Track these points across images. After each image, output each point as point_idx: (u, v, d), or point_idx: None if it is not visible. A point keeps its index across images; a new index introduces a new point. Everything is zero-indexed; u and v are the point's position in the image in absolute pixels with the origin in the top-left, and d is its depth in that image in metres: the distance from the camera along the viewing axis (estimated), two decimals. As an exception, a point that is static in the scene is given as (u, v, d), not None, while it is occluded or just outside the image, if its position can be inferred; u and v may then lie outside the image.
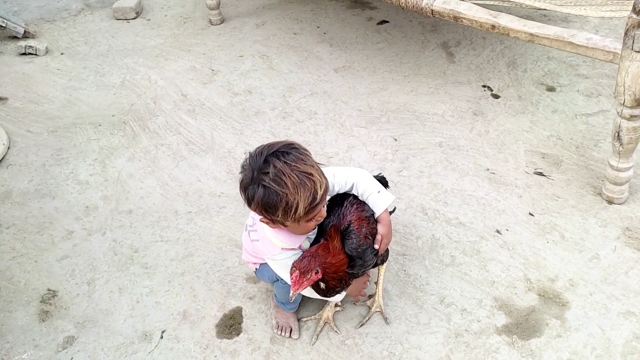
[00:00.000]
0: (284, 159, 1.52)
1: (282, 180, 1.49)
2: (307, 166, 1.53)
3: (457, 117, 2.83)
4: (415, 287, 2.05)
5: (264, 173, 1.51)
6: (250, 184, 1.54)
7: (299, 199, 1.50)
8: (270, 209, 1.53)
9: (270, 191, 1.51)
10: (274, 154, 1.54)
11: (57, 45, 3.60)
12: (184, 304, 2.05)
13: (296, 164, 1.52)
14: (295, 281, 1.58)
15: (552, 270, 2.06)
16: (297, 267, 1.59)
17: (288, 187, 1.49)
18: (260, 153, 1.55)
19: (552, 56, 3.15)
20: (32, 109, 3.06)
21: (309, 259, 1.60)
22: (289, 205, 1.51)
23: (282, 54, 3.37)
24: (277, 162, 1.51)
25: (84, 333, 1.98)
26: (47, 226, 2.38)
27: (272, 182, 1.50)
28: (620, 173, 2.21)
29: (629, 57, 1.93)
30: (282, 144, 1.58)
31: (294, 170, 1.51)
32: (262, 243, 1.73)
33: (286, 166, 1.51)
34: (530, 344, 1.84)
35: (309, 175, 1.52)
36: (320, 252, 1.63)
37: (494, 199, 2.37)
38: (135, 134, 2.86)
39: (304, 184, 1.50)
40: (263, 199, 1.52)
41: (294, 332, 1.93)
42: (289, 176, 1.49)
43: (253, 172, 1.53)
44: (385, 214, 1.80)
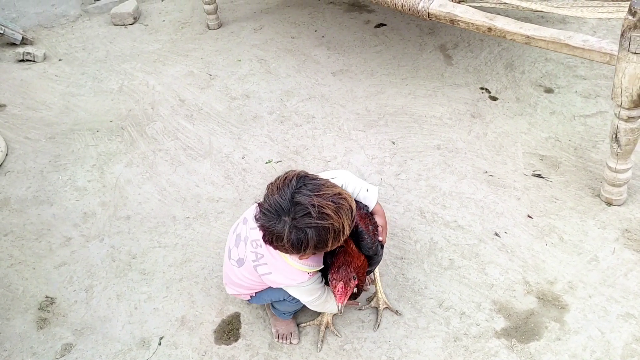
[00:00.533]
0: (309, 190, 1.50)
1: (325, 213, 1.49)
2: (329, 188, 1.54)
3: (455, 119, 2.82)
4: (413, 291, 2.04)
5: (303, 215, 1.49)
6: (291, 232, 1.50)
7: (343, 222, 1.51)
8: (322, 244, 1.52)
9: (319, 229, 1.49)
10: (297, 191, 1.50)
11: (55, 52, 3.60)
12: (182, 310, 2.05)
13: (322, 191, 1.51)
14: (342, 292, 1.59)
15: (551, 273, 2.05)
16: (338, 279, 1.60)
17: (331, 217, 1.49)
18: (281, 197, 1.51)
19: (549, 58, 3.15)
20: (30, 115, 3.06)
21: (344, 269, 1.61)
22: (336, 232, 1.51)
23: (279, 58, 3.37)
24: (306, 198, 1.49)
25: (82, 340, 1.97)
26: (45, 233, 2.38)
27: (317, 221, 1.48)
28: (619, 174, 2.20)
29: (626, 59, 1.92)
30: (292, 176, 1.54)
31: (326, 198, 1.50)
32: (280, 274, 1.69)
33: (318, 198, 1.49)
34: (530, 348, 1.84)
35: (338, 194, 1.53)
36: (349, 259, 1.64)
37: (492, 201, 2.36)
38: (133, 139, 2.85)
39: (341, 206, 1.51)
40: (317, 239, 1.50)
41: (294, 337, 1.92)
42: (326, 207, 1.49)
43: (291, 221, 1.49)
44: (378, 206, 1.84)
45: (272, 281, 1.71)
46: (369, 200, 1.81)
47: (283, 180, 1.54)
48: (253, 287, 1.81)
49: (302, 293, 1.73)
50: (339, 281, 1.60)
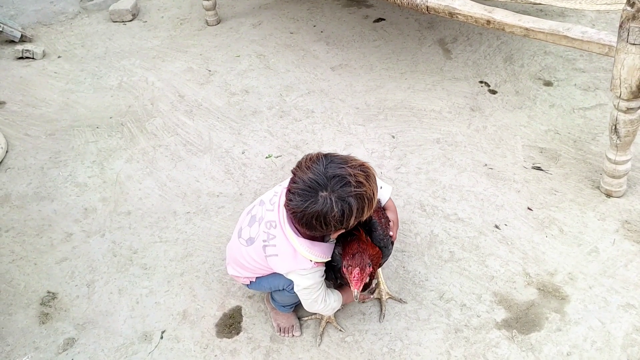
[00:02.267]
0: (338, 162, 1.53)
1: (359, 181, 1.51)
2: (353, 160, 1.56)
3: (454, 113, 2.82)
4: (414, 284, 2.05)
5: (344, 185, 1.50)
6: (335, 204, 1.50)
7: (373, 189, 1.54)
8: (360, 212, 1.54)
9: (359, 196, 1.51)
10: (328, 165, 1.52)
11: (54, 49, 3.60)
12: (183, 304, 2.06)
13: (350, 162, 1.54)
14: (358, 279, 1.59)
15: (551, 264, 2.06)
16: (354, 265, 1.59)
17: (365, 184, 1.52)
18: (315, 174, 1.52)
19: (549, 51, 3.15)
20: (30, 112, 3.06)
21: (360, 255, 1.61)
22: (369, 199, 1.54)
23: (278, 53, 3.37)
24: (342, 170, 1.50)
25: (84, 334, 1.98)
26: (46, 229, 2.38)
27: (356, 189, 1.50)
28: (618, 166, 2.20)
29: (624, 50, 1.92)
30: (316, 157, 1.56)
31: (355, 168, 1.53)
32: (287, 257, 1.69)
33: (350, 168, 1.52)
34: (530, 338, 1.84)
35: (364, 165, 1.56)
36: (363, 247, 1.64)
37: (492, 194, 2.37)
38: (133, 135, 2.86)
39: (369, 174, 1.55)
40: (357, 206, 1.51)
41: (296, 330, 1.93)
42: (359, 175, 1.52)
43: (330, 195, 1.50)
44: (391, 202, 1.87)
45: (276, 263, 1.71)
46: (382, 196, 1.82)
47: (310, 160, 1.55)
48: (255, 270, 1.80)
49: (302, 280, 1.72)
50: (355, 267, 1.59)
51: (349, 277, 1.60)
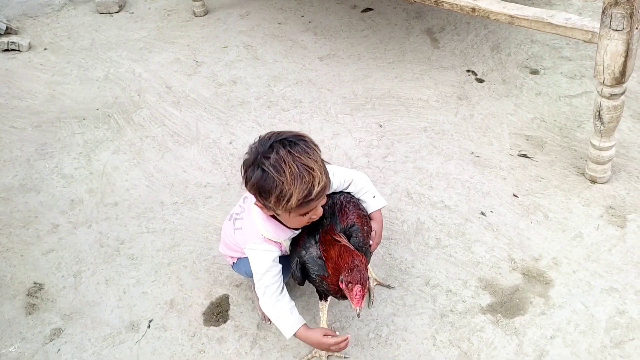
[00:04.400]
0: (290, 148, 1.53)
1: (282, 168, 1.50)
2: (310, 160, 1.53)
3: (441, 102, 2.83)
4: (400, 270, 2.06)
5: (266, 157, 1.53)
6: (251, 165, 1.56)
7: (293, 190, 1.50)
8: (265, 193, 1.54)
9: (267, 176, 1.52)
10: (281, 141, 1.54)
11: (40, 41, 3.57)
12: (170, 294, 2.06)
13: (300, 156, 1.52)
14: (360, 296, 1.50)
15: (536, 250, 2.08)
16: (354, 282, 1.50)
17: (286, 176, 1.50)
18: (269, 138, 1.57)
19: (535, 39, 3.16)
20: (16, 104, 3.04)
21: (358, 270, 1.52)
22: (283, 193, 1.51)
23: (266, 43, 3.36)
24: (281, 150, 1.52)
25: (70, 325, 1.98)
26: (32, 220, 2.38)
27: (271, 168, 1.51)
28: (603, 152, 2.22)
29: (607, 36, 1.93)
30: (293, 134, 1.58)
31: (295, 161, 1.51)
32: (245, 231, 1.73)
33: (289, 155, 1.51)
34: (515, 322, 1.86)
35: (310, 169, 1.52)
36: (359, 259, 1.55)
37: (479, 181, 2.38)
38: (120, 126, 2.85)
39: (302, 177, 1.50)
40: (259, 182, 1.54)
41: None
42: (289, 165, 1.50)
43: (256, 155, 1.55)
44: (378, 214, 1.83)
45: (238, 238, 1.73)
46: (370, 205, 1.81)
47: (287, 132, 1.59)
48: (233, 246, 1.81)
49: (252, 259, 1.69)
50: (356, 284, 1.50)
51: (350, 294, 1.52)
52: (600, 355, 1.75)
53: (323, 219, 1.69)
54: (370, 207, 1.82)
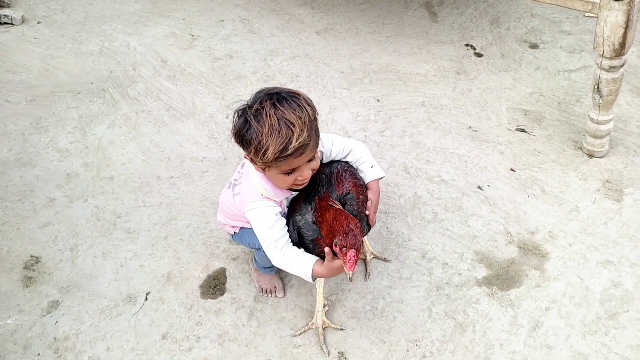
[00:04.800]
0: (276, 102, 1.53)
1: (262, 119, 1.51)
2: (293, 116, 1.51)
3: (439, 76, 2.81)
4: (397, 244, 2.07)
5: (250, 107, 1.56)
6: (238, 113, 1.60)
7: (270, 142, 1.50)
8: (245, 142, 1.57)
9: (247, 125, 1.54)
10: (271, 95, 1.55)
11: (33, 14, 3.52)
12: (167, 267, 2.06)
13: (284, 110, 1.51)
14: (354, 261, 1.49)
15: (532, 224, 2.08)
16: (348, 246, 1.49)
17: (264, 128, 1.51)
18: (261, 91, 1.59)
19: (535, 13, 3.12)
20: (10, 78, 3.00)
21: (353, 234, 1.51)
22: (260, 145, 1.52)
23: (263, 17, 3.32)
24: (266, 102, 1.53)
25: (68, 297, 1.98)
26: (28, 194, 2.37)
27: (252, 117, 1.53)
28: (601, 126, 2.21)
29: (608, 7, 1.91)
30: (287, 90, 1.59)
31: (277, 114, 1.51)
32: (244, 193, 1.70)
33: (272, 108, 1.52)
34: (510, 294, 1.87)
35: (290, 124, 1.50)
36: (355, 223, 1.54)
37: (476, 156, 2.37)
38: (115, 101, 2.82)
39: (279, 130, 1.50)
40: (241, 130, 1.57)
41: (279, 291, 1.94)
42: (269, 117, 1.50)
43: (245, 105, 1.59)
44: (376, 184, 1.80)
45: (238, 202, 1.72)
46: (368, 174, 1.79)
47: (284, 89, 1.59)
48: (235, 215, 1.79)
49: (255, 218, 1.66)
50: (350, 248, 1.48)
51: (344, 258, 1.50)
52: (594, 326, 1.77)
53: (320, 186, 1.68)
54: (367, 177, 1.80)
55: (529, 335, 1.76)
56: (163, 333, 1.86)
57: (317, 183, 1.69)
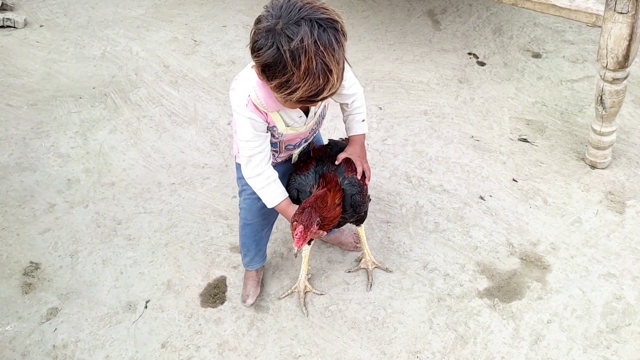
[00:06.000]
0: (318, 38, 1.30)
1: (300, 59, 1.30)
2: (333, 59, 1.32)
3: (442, 85, 2.80)
4: (398, 254, 2.06)
5: (288, 37, 1.31)
6: (267, 35, 1.33)
7: (301, 85, 1.33)
8: (270, 74, 1.36)
9: (280, 59, 1.32)
10: (312, 22, 1.31)
11: (36, 18, 3.52)
12: (168, 274, 2.05)
13: (325, 51, 1.31)
14: (300, 237, 1.54)
15: (534, 235, 2.07)
16: (299, 221, 1.55)
17: (300, 69, 1.31)
18: (299, 8, 1.33)
19: (538, 22, 3.12)
20: (11, 82, 3.00)
21: (309, 211, 1.56)
22: (288, 84, 1.34)
23: (265, 23, 3.31)
24: (307, 37, 1.29)
25: (67, 304, 1.97)
26: (28, 199, 2.36)
27: (288, 53, 1.30)
28: (603, 137, 2.20)
29: (612, 19, 1.91)
30: (326, 15, 1.34)
31: (317, 56, 1.30)
32: (236, 91, 1.54)
33: (314, 47, 1.29)
34: (512, 306, 1.86)
35: (329, 72, 1.33)
36: (319, 204, 1.60)
37: (478, 165, 2.37)
38: (117, 106, 2.82)
39: (317, 77, 1.32)
40: (268, 60, 1.33)
41: (249, 298, 1.90)
42: (309, 60, 1.30)
43: (277, 25, 1.32)
44: (362, 137, 1.77)
45: (231, 98, 1.56)
46: (356, 127, 1.75)
47: (320, 8, 1.35)
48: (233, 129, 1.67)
49: (236, 123, 1.56)
50: (300, 224, 1.54)
51: (292, 232, 1.56)
52: (596, 340, 1.76)
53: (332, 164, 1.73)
54: (355, 130, 1.76)
55: (531, 348, 1.75)
56: (162, 342, 1.85)
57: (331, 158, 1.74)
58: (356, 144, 1.76)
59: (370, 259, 1.99)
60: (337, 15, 1.37)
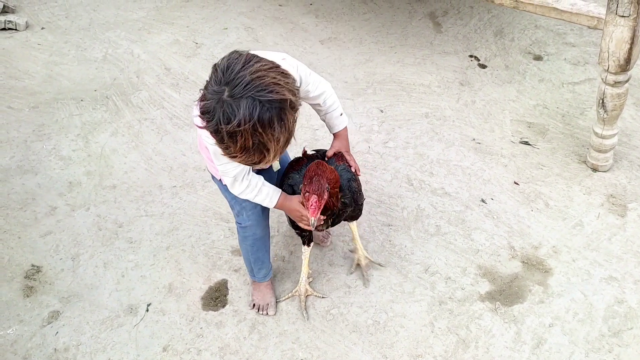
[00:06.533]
0: (258, 118, 1.30)
1: (235, 138, 1.31)
2: (272, 139, 1.33)
3: (443, 87, 2.80)
4: (400, 257, 2.06)
5: (228, 116, 1.30)
6: (212, 100, 1.32)
7: (238, 156, 1.36)
8: (216, 139, 1.35)
9: (219, 133, 1.31)
10: (255, 101, 1.29)
11: (37, 20, 3.52)
12: (169, 278, 2.05)
13: (263, 132, 1.30)
14: (316, 206, 1.52)
15: (536, 238, 2.07)
16: (311, 191, 1.53)
17: (236, 145, 1.32)
18: (245, 84, 1.30)
19: (539, 25, 3.12)
20: (13, 84, 3.00)
21: (317, 180, 1.54)
22: (227, 152, 1.35)
23: (267, 26, 3.32)
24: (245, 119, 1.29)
25: (68, 307, 1.97)
26: (29, 202, 2.36)
27: (224, 131, 1.31)
28: (605, 140, 2.20)
29: (613, 22, 1.91)
30: (272, 96, 1.31)
31: (254, 136, 1.31)
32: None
33: (251, 129, 1.29)
34: (513, 310, 1.86)
35: (265, 150, 1.34)
36: (322, 168, 1.58)
37: (480, 168, 2.36)
38: (118, 108, 2.82)
39: (251, 153, 1.34)
40: (210, 129, 1.33)
41: (271, 308, 1.91)
42: (245, 140, 1.30)
43: (222, 94, 1.31)
44: (345, 130, 1.79)
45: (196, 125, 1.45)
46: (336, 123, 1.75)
47: (262, 74, 1.32)
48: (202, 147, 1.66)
49: (210, 152, 1.52)
50: (312, 194, 1.52)
51: (306, 204, 1.54)
52: (598, 343, 1.75)
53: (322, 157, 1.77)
54: (337, 126, 1.76)
55: (532, 352, 1.75)
56: (164, 345, 1.85)
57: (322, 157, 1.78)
58: (342, 138, 1.79)
59: (362, 254, 2.00)
60: (289, 89, 1.33)
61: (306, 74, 1.63)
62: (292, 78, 1.38)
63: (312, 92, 1.67)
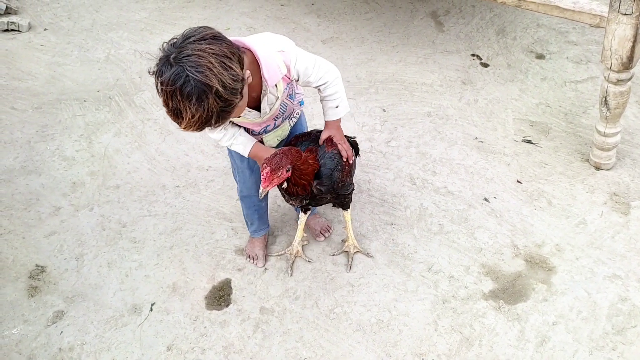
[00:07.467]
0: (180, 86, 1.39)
1: (160, 92, 1.42)
2: (188, 110, 1.41)
3: (445, 86, 2.80)
4: (403, 256, 2.06)
5: (161, 72, 1.41)
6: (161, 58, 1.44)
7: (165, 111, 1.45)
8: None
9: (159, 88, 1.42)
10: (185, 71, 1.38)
11: (40, 21, 3.53)
12: (173, 277, 2.06)
13: (181, 100, 1.39)
14: (266, 178, 1.63)
15: (539, 236, 2.07)
16: (268, 164, 1.63)
17: (160, 98, 1.43)
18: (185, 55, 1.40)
19: (541, 23, 3.12)
20: (16, 85, 3.01)
21: (280, 157, 1.65)
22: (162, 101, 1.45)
23: (269, 26, 3.32)
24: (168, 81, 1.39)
25: (73, 307, 1.98)
26: (33, 203, 2.37)
27: (157, 83, 1.42)
28: (608, 139, 2.20)
29: (616, 20, 1.90)
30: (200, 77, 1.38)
31: (172, 100, 1.41)
32: None
33: (171, 92, 1.39)
34: (517, 309, 1.86)
35: (180, 116, 1.42)
36: (294, 153, 1.68)
37: (482, 167, 2.37)
38: (121, 109, 2.82)
39: (170, 112, 1.43)
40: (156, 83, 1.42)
41: (259, 260, 2.05)
42: (165, 98, 1.41)
43: (170, 55, 1.41)
44: (338, 121, 1.84)
45: None
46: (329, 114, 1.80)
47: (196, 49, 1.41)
48: None
49: None
50: (268, 166, 1.62)
51: (262, 172, 1.64)
52: (602, 341, 1.75)
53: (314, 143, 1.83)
54: (329, 115, 1.81)
55: (536, 350, 1.75)
56: (168, 344, 1.85)
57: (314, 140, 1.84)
58: (331, 127, 1.84)
59: (352, 243, 2.05)
60: (219, 80, 1.40)
61: (306, 68, 1.69)
62: (234, 74, 1.43)
63: (313, 82, 1.76)
